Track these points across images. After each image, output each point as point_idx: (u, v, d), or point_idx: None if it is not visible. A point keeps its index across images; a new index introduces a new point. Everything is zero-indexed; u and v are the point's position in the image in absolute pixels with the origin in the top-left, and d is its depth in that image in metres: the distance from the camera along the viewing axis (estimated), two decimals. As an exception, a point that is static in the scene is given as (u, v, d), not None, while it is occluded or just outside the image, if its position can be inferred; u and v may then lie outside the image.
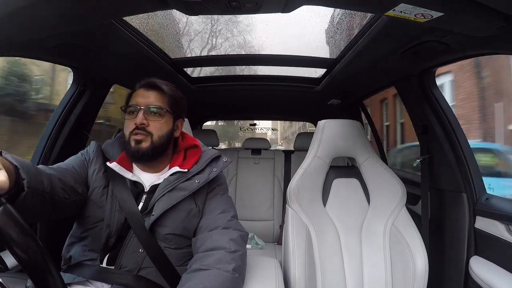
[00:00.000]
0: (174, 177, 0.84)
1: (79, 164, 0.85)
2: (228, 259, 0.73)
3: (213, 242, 0.77)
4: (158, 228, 0.81)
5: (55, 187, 0.70)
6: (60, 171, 0.77)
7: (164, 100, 0.85)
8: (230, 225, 0.82)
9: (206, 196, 0.87)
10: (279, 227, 2.08)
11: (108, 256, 0.80)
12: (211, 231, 0.80)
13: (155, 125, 0.83)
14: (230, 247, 0.76)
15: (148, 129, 0.82)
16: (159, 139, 0.83)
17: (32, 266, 0.43)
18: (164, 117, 0.84)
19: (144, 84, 0.86)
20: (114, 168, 0.83)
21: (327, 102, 2.02)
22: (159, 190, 0.82)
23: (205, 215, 0.85)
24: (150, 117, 0.82)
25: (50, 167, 0.78)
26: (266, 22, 1.30)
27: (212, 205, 0.86)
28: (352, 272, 1.12)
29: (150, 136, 0.82)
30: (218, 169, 0.88)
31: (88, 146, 0.91)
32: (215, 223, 0.82)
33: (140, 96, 0.84)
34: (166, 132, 0.85)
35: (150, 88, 0.85)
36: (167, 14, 1.23)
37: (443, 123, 1.20)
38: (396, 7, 0.67)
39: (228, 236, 0.79)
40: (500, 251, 1.00)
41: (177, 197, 0.81)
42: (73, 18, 0.76)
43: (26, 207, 0.59)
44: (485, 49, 0.92)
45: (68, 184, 0.76)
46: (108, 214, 0.80)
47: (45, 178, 0.67)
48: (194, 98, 2.03)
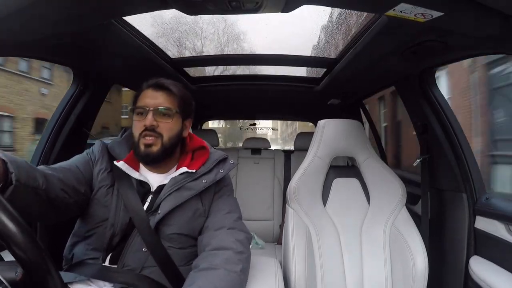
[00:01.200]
0: (182, 176, 0.84)
1: (83, 163, 0.84)
2: (236, 260, 0.73)
3: (219, 241, 0.77)
4: (163, 228, 0.81)
5: (53, 186, 0.69)
6: (61, 170, 0.77)
7: (173, 101, 0.85)
8: (236, 226, 0.83)
9: (213, 196, 0.87)
10: (279, 227, 2.08)
11: (111, 255, 0.80)
12: (217, 231, 0.81)
13: (165, 126, 0.82)
14: (237, 248, 0.76)
15: (158, 130, 0.82)
16: (169, 140, 0.83)
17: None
18: (174, 117, 0.84)
19: (152, 85, 0.86)
20: (122, 167, 0.83)
21: (327, 102, 2.02)
22: (166, 189, 0.82)
23: (211, 214, 0.85)
24: (159, 118, 0.82)
25: (51, 167, 0.77)
26: (266, 22, 1.30)
27: (219, 205, 0.87)
28: (352, 272, 1.12)
29: (160, 138, 0.82)
30: (225, 170, 0.89)
31: (93, 145, 0.91)
32: (221, 223, 0.82)
33: (148, 96, 0.84)
34: (175, 132, 0.85)
35: (159, 88, 0.85)
36: (167, 14, 1.23)
37: (443, 122, 1.20)
38: (396, 7, 0.67)
39: (234, 236, 0.79)
40: (500, 251, 1.00)
41: (183, 196, 0.81)
42: (73, 18, 0.76)
43: (17, 203, 0.58)
44: (485, 49, 0.92)
45: (69, 184, 0.75)
46: (113, 214, 0.80)
47: (40, 175, 0.67)
48: (194, 98, 2.02)
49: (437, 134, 1.21)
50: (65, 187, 0.73)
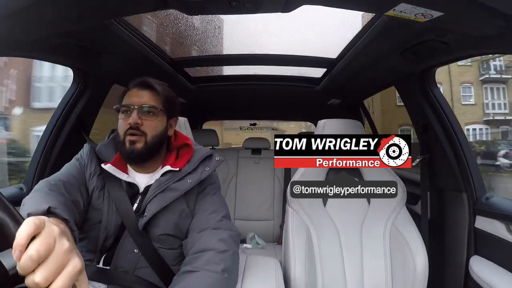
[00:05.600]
0: (166, 177, 0.84)
1: (78, 172, 0.84)
2: (217, 260, 0.72)
3: (202, 243, 0.76)
4: (151, 229, 0.81)
5: (75, 214, 0.71)
6: (67, 187, 0.76)
7: (158, 100, 0.85)
8: (221, 226, 0.81)
9: (196, 196, 0.86)
10: (279, 227, 2.08)
11: (105, 257, 0.80)
12: (201, 232, 0.80)
13: (149, 125, 0.82)
14: (220, 248, 0.75)
15: (142, 128, 0.81)
16: (153, 139, 0.83)
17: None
18: (158, 116, 0.84)
19: (137, 84, 0.86)
20: (109, 169, 0.82)
21: (327, 102, 2.02)
22: (150, 191, 0.82)
23: (195, 215, 0.85)
24: (144, 116, 0.82)
25: (56, 184, 0.74)
26: (266, 22, 1.30)
27: (203, 205, 0.86)
28: (352, 272, 1.13)
29: (144, 136, 0.81)
30: (210, 168, 0.87)
31: (81, 150, 0.90)
32: (205, 224, 0.81)
33: (133, 95, 0.84)
34: (160, 131, 0.85)
35: (144, 87, 0.85)
36: (167, 14, 1.23)
37: (443, 122, 1.20)
38: (396, 7, 0.67)
39: (218, 236, 0.78)
40: (500, 251, 1.00)
41: (168, 198, 0.81)
42: (73, 18, 0.76)
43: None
44: (485, 49, 0.92)
45: (77, 201, 0.76)
46: (105, 216, 0.80)
47: (75, 210, 0.71)
48: (194, 98, 2.03)
49: (437, 134, 1.21)
50: (76, 207, 0.74)
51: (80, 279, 0.39)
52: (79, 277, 0.39)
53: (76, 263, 0.37)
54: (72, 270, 0.37)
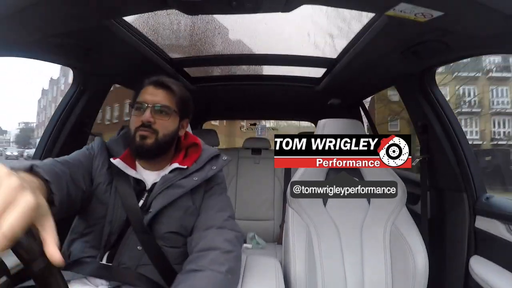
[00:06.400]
0: (172, 174, 0.84)
1: (86, 158, 0.84)
2: (222, 260, 0.72)
3: (207, 242, 0.77)
4: (156, 226, 0.81)
5: (71, 191, 0.70)
6: (70, 166, 0.76)
7: (172, 100, 0.85)
8: (226, 225, 0.82)
9: (203, 194, 0.87)
10: (279, 226, 2.08)
11: (108, 253, 0.80)
12: (206, 230, 0.80)
13: (161, 124, 0.83)
14: (225, 248, 0.75)
15: (154, 126, 0.82)
16: (164, 137, 0.83)
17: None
18: (171, 116, 0.85)
19: (153, 82, 0.86)
20: (118, 164, 0.83)
21: (327, 102, 2.02)
22: (156, 188, 0.82)
23: (201, 213, 0.85)
24: (157, 115, 0.82)
25: (61, 162, 0.75)
26: (266, 22, 1.30)
27: (209, 203, 0.86)
28: (352, 272, 1.13)
29: (155, 134, 0.82)
30: (217, 167, 0.88)
31: (93, 142, 0.91)
32: (210, 222, 0.82)
33: (148, 93, 0.84)
34: (171, 131, 0.85)
35: (159, 86, 0.85)
36: (167, 14, 1.23)
37: (443, 122, 1.20)
38: (396, 7, 0.67)
39: (223, 236, 0.78)
40: (500, 251, 1.00)
41: (174, 194, 0.81)
42: (73, 18, 0.76)
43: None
44: (485, 49, 0.92)
45: (77, 183, 0.75)
46: (111, 211, 0.80)
47: (65, 185, 0.67)
48: (194, 98, 2.02)
49: (437, 134, 1.21)
50: (74, 186, 0.73)
51: (42, 222, 0.36)
52: (41, 220, 0.36)
53: (28, 199, 0.34)
54: (24, 206, 0.33)
